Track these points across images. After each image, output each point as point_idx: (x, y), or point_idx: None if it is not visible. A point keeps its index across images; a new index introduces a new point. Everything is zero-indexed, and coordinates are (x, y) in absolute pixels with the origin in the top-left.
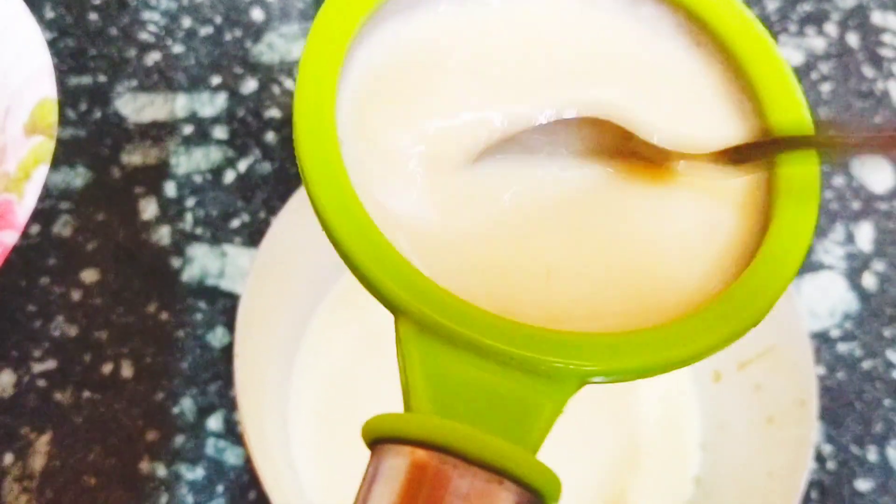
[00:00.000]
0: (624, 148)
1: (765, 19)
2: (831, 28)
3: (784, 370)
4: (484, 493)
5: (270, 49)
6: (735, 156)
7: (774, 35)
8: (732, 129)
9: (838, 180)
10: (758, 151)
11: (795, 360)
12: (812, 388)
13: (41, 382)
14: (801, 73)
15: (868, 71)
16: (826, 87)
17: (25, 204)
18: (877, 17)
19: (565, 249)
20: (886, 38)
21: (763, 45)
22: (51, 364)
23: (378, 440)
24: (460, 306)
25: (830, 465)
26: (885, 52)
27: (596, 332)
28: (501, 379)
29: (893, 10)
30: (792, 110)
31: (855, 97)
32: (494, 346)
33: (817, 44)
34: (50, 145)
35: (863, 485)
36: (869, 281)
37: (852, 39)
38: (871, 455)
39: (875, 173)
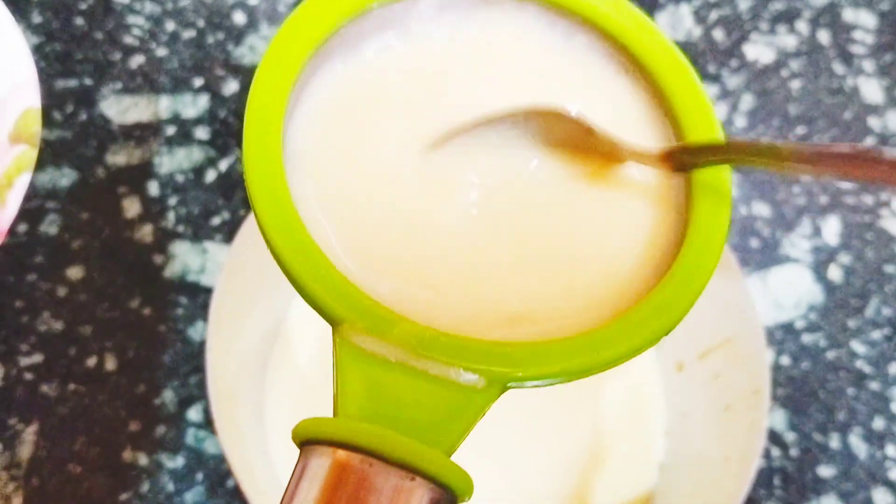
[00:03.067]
0: (580, 143)
1: (736, 18)
2: (802, 26)
3: (740, 361)
4: (398, 489)
5: (252, 51)
6: (677, 157)
7: (746, 34)
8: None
9: (806, 175)
10: (696, 155)
11: (750, 352)
12: (765, 378)
13: (28, 375)
14: (772, 70)
15: (838, 67)
16: (796, 84)
17: (7, 212)
18: (848, 15)
19: (507, 245)
20: (857, 34)
21: (684, 73)
22: (37, 358)
23: (306, 441)
24: (388, 318)
25: (793, 452)
26: (856, 49)
27: (513, 340)
28: (424, 384)
29: (865, 6)
30: (708, 134)
31: (825, 94)
32: (416, 357)
33: (788, 41)
34: (33, 154)
35: (825, 471)
36: (834, 273)
37: (823, 37)
38: (834, 443)
39: None
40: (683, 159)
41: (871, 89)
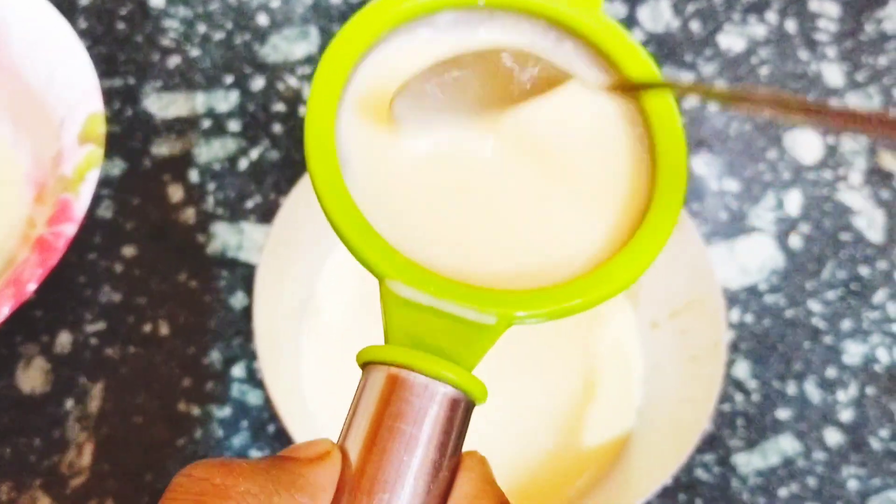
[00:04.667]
0: (530, 79)
1: (711, 9)
2: (772, 16)
3: (703, 319)
4: (433, 392)
5: (275, 50)
6: (620, 85)
7: (720, 24)
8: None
9: (771, 154)
10: (635, 86)
11: (711, 312)
12: (722, 333)
13: (93, 341)
14: (742, 58)
15: (803, 54)
16: (764, 71)
17: (81, 202)
18: (814, 5)
19: (498, 214)
20: (821, 23)
21: (649, 69)
22: (101, 325)
23: (367, 363)
24: (420, 273)
25: (755, 397)
26: (820, 37)
27: (511, 289)
28: (450, 322)
29: None
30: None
31: (790, 78)
32: (442, 302)
33: (758, 31)
34: (100, 153)
35: (783, 413)
36: (795, 241)
37: (790, 26)
38: (791, 389)
39: (804, 146)
40: (629, 85)
41: (833, 73)
